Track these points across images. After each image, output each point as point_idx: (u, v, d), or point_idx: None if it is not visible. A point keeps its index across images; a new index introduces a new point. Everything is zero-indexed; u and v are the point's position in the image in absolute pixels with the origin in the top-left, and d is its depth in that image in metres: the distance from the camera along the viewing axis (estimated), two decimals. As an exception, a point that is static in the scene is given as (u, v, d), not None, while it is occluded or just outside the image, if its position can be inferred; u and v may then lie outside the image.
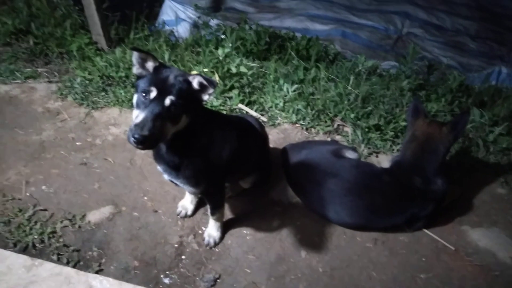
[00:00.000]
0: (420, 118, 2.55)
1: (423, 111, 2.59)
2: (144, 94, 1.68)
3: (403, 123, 3.18)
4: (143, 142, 1.61)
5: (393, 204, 2.46)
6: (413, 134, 2.54)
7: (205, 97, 1.82)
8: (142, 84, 1.73)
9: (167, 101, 1.67)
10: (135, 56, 1.76)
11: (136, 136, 1.59)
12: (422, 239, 2.54)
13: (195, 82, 1.76)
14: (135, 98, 1.74)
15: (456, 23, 5.64)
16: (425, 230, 2.58)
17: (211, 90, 1.78)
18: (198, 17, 4.80)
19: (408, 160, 2.51)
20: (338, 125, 3.37)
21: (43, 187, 2.72)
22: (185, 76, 1.76)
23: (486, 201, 2.82)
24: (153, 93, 1.67)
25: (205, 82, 1.74)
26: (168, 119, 1.69)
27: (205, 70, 3.56)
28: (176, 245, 2.42)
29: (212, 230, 2.43)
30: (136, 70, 1.80)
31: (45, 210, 2.56)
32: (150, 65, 1.77)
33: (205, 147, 2.01)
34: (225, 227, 2.50)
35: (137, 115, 1.68)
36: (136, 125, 1.62)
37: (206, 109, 2.11)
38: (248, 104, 3.49)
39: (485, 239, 2.56)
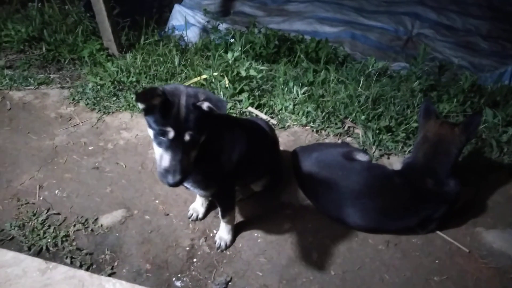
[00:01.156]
0: (432, 119, 2.52)
1: (435, 112, 2.56)
2: (161, 133, 1.67)
3: (415, 124, 3.15)
4: (178, 184, 1.71)
5: (405, 206, 2.43)
6: (424, 135, 2.52)
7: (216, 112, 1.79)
8: (154, 123, 1.68)
9: (187, 137, 1.68)
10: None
11: (171, 182, 1.67)
12: (435, 241, 2.51)
13: (205, 107, 1.71)
14: (151, 133, 1.73)
15: (467, 23, 5.60)
16: (438, 232, 2.55)
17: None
18: (207, 22, 4.84)
19: (420, 162, 2.48)
20: (349, 127, 3.36)
21: (56, 191, 2.76)
22: (194, 100, 1.69)
23: (501, 202, 2.78)
24: (171, 133, 1.66)
25: (214, 108, 1.69)
26: (190, 149, 1.72)
27: (215, 74, 3.58)
28: (187, 248, 2.43)
29: (223, 233, 2.43)
30: (141, 106, 1.70)
31: (58, 214, 2.60)
32: (156, 100, 1.66)
33: (215, 151, 2.02)
34: (236, 230, 2.50)
35: (161, 156, 1.69)
36: (167, 171, 1.67)
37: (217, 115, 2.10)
38: (258, 107, 3.50)
39: (500, 241, 2.52)
